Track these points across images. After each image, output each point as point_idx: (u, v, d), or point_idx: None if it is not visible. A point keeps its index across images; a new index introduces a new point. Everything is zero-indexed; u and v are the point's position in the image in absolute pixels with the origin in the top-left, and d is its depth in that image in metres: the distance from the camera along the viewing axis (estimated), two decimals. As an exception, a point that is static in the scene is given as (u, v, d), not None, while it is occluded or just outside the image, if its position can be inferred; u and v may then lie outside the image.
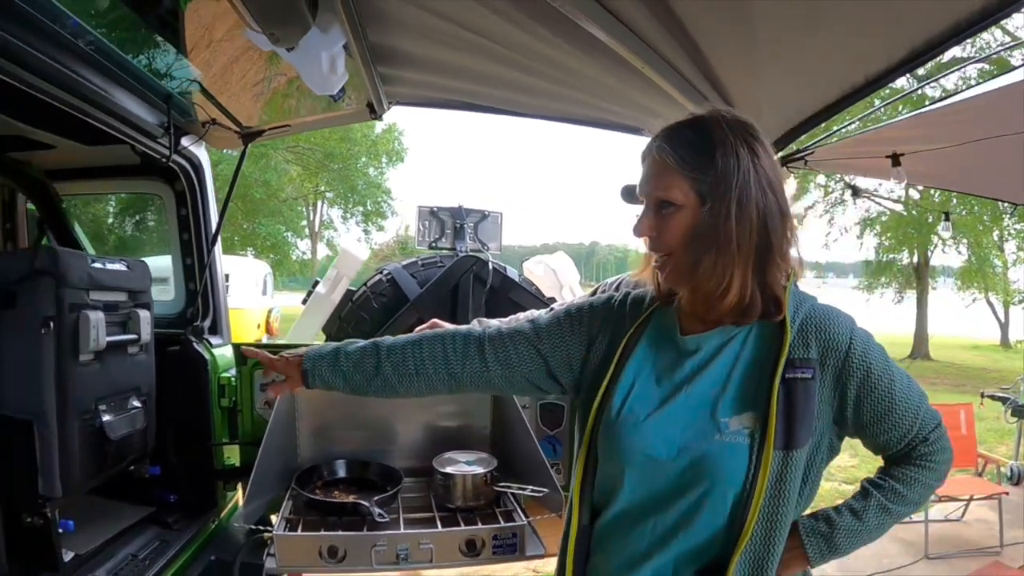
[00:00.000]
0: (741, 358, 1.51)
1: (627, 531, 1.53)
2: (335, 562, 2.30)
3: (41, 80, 2.20)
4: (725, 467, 1.43)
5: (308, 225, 34.59)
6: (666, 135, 1.53)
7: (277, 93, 3.09)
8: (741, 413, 1.46)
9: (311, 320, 6.01)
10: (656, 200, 1.51)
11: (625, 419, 1.54)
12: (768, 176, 1.48)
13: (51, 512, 2.40)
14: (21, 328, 2.38)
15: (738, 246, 1.44)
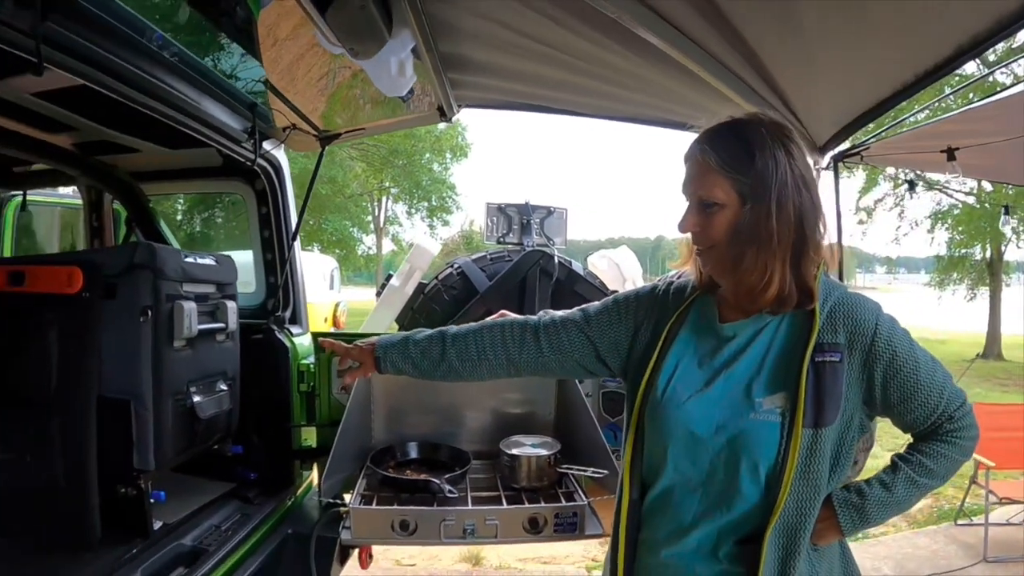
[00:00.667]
0: (774, 344, 1.61)
1: (673, 505, 1.64)
2: (406, 535, 2.46)
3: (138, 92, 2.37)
4: (759, 442, 1.54)
5: (373, 221, 34.68)
6: (708, 138, 1.63)
7: (350, 97, 3.25)
8: (774, 394, 1.56)
9: (385, 311, 6.17)
10: (699, 199, 1.61)
11: (669, 399, 1.65)
12: (803, 175, 1.58)
13: (144, 483, 2.60)
14: (121, 317, 2.57)
15: (778, 242, 1.54)
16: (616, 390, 3.20)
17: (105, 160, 3.70)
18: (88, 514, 2.46)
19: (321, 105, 3.27)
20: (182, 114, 2.66)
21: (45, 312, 2.53)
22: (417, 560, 5.30)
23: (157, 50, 2.35)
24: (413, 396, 3.17)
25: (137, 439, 2.56)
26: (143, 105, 2.43)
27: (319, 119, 3.33)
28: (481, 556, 5.32)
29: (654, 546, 1.68)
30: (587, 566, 5.20)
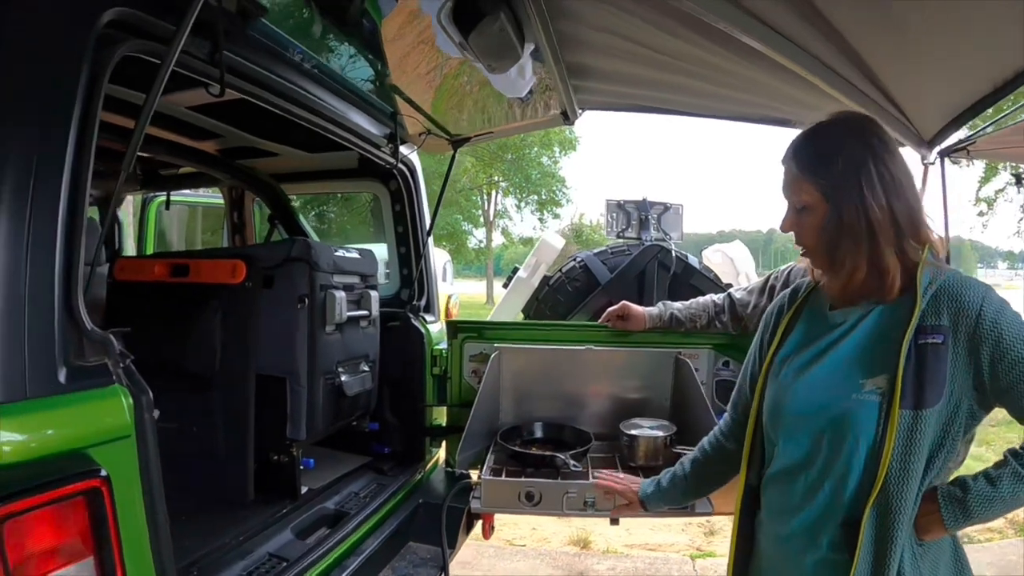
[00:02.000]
0: (879, 327, 1.65)
1: (781, 487, 1.74)
2: (531, 505, 2.66)
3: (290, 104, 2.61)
4: (858, 421, 1.58)
5: (483, 214, 34.94)
6: (793, 146, 1.74)
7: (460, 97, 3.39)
8: (876, 375, 1.59)
9: (513, 301, 6.36)
10: (792, 203, 1.73)
11: (779, 383, 1.77)
12: (891, 169, 1.63)
13: (296, 452, 2.91)
14: (278, 304, 2.88)
15: (869, 236, 1.61)
16: (729, 378, 3.29)
17: (246, 163, 4.05)
18: (245, 477, 2.77)
19: (451, 109, 3.46)
20: (330, 123, 2.91)
21: (211, 299, 2.82)
22: (528, 541, 5.48)
23: (310, 67, 2.60)
24: (539, 382, 3.34)
25: (291, 412, 2.88)
26: (297, 116, 2.68)
27: (450, 124, 3.53)
28: (589, 540, 5.44)
29: (767, 529, 1.81)
30: (691, 555, 5.25)
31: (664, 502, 2.30)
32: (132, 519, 1.58)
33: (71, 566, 1.44)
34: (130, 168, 1.71)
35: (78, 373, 1.53)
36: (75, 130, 1.54)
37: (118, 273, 3.09)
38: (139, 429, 1.62)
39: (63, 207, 1.50)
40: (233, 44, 2.13)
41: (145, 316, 2.92)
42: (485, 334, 3.42)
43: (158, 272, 2.98)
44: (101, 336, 1.59)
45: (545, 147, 32.24)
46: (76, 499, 1.44)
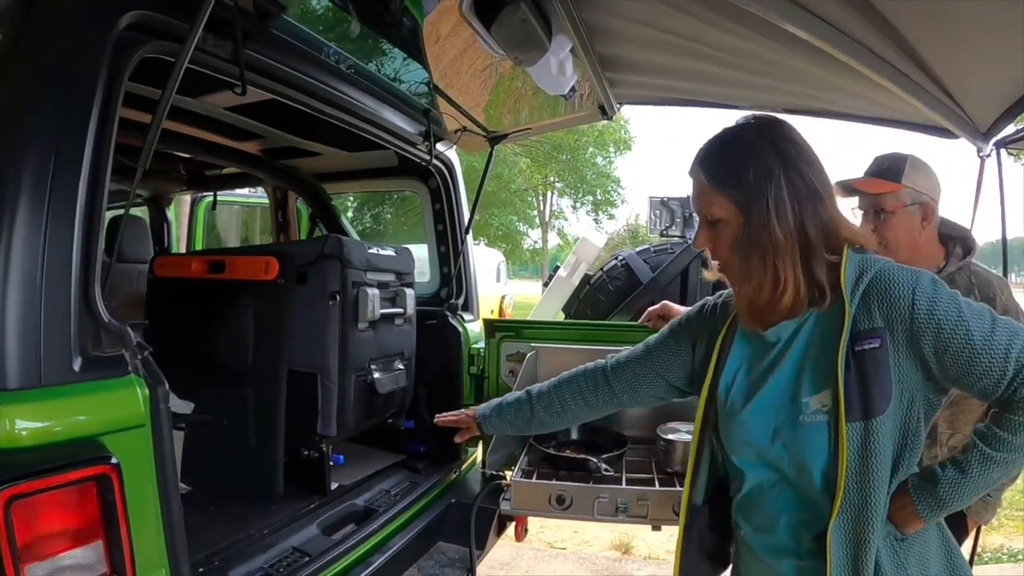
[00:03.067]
0: (813, 340, 1.59)
1: (759, 502, 1.68)
2: (561, 509, 2.61)
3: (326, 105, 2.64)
4: (809, 446, 1.53)
5: (539, 215, 35.03)
6: (700, 156, 1.65)
7: (516, 99, 3.40)
8: (820, 391, 1.53)
9: (553, 300, 6.32)
10: (704, 217, 1.64)
11: (729, 411, 1.69)
12: (804, 176, 1.55)
13: (325, 448, 2.92)
14: (311, 300, 2.89)
15: (781, 251, 1.53)
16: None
17: (289, 163, 4.09)
18: (274, 471, 2.79)
19: (476, 103, 3.43)
20: (363, 121, 2.92)
21: (245, 295, 2.86)
22: (568, 544, 5.41)
23: (338, 65, 2.60)
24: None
25: (322, 408, 2.89)
26: (327, 115, 2.70)
27: (489, 121, 3.51)
28: (631, 545, 5.36)
29: (751, 538, 1.74)
30: (734, 564, 5.13)
31: (505, 424, 2.29)
32: (143, 507, 1.62)
33: (79, 548, 1.49)
34: (146, 165, 1.75)
35: (94, 363, 1.58)
36: (94, 130, 1.60)
37: (158, 270, 3.17)
38: (154, 419, 1.65)
39: (81, 203, 1.56)
40: (257, 43, 2.16)
41: (183, 311, 3.02)
42: (523, 333, 3.38)
43: (195, 269, 3.04)
44: (118, 328, 1.64)
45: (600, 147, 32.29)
46: (87, 484, 1.49)
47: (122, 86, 1.66)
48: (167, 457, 1.67)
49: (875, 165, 2.57)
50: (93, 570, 1.51)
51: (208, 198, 5.62)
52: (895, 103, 2.63)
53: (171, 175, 4.64)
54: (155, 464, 1.64)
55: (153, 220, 5.48)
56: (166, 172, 4.55)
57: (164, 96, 1.73)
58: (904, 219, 2.49)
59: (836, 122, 3.23)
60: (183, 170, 4.53)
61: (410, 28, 2.85)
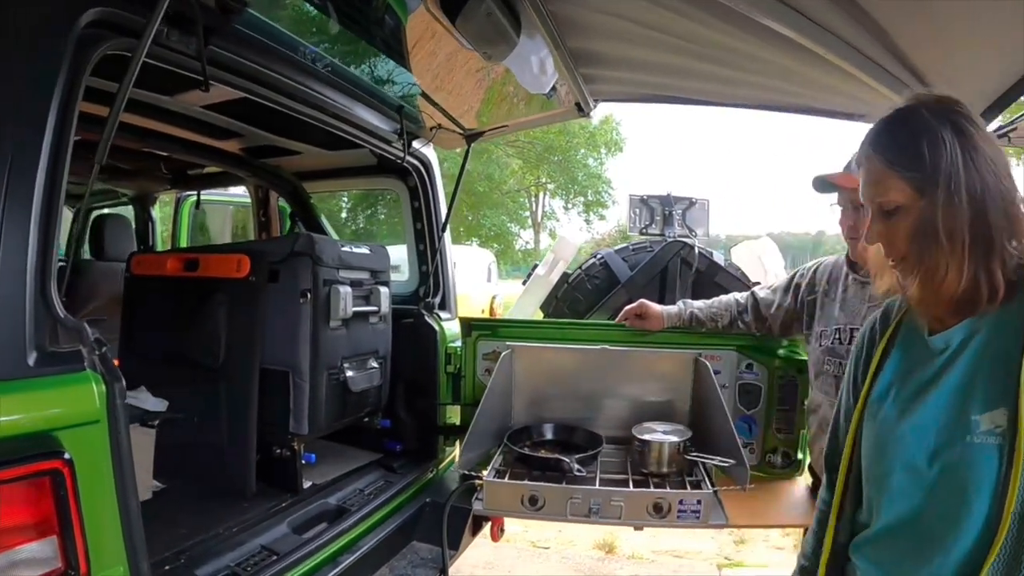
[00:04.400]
0: (989, 348, 1.37)
1: (891, 542, 1.46)
2: (534, 509, 2.59)
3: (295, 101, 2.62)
4: (978, 472, 1.30)
5: (531, 216, 35.14)
6: (872, 138, 1.46)
7: (494, 95, 3.38)
8: (993, 410, 1.31)
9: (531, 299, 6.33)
10: (878, 206, 1.43)
11: (882, 426, 1.49)
12: (983, 156, 1.36)
13: (297, 446, 2.90)
14: (283, 298, 2.87)
15: (963, 237, 1.33)
16: (753, 382, 3.20)
17: (270, 162, 4.08)
18: (246, 470, 2.78)
19: (469, 104, 3.42)
20: (336, 119, 2.90)
21: (217, 293, 2.85)
22: (552, 544, 5.39)
23: (309, 62, 2.57)
24: (554, 382, 3.28)
25: (294, 406, 2.87)
26: (298, 112, 2.68)
27: (464, 117, 3.49)
28: (615, 545, 5.34)
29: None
30: (719, 564, 5.11)
31: None
32: (99, 503, 1.60)
33: (34, 543, 1.49)
34: (103, 160, 1.71)
35: (50, 358, 1.57)
36: (53, 127, 1.58)
37: (135, 268, 3.17)
38: (111, 416, 1.63)
39: (38, 199, 1.55)
40: (222, 40, 2.12)
41: (158, 309, 3.02)
42: (499, 332, 3.37)
43: (170, 267, 3.03)
44: (75, 324, 1.62)
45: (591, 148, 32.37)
46: (40, 479, 1.48)
47: (82, 83, 1.64)
48: (124, 454, 1.65)
49: (853, 160, 2.56)
50: (48, 564, 1.50)
51: (192, 197, 5.60)
52: (877, 99, 2.60)
53: (154, 174, 4.62)
54: (112, 460, 1.62)
55: (137, 219, 5.47)
56: (149, 171, 4.53)
57: (120, 92, 1.70)
58: None
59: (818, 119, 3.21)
60: (165, 169, 4.51)
61: (391, 26, 2.83)
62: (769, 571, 5.02)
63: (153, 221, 5.56)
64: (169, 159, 4.19)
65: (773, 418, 3.20)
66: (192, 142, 3.61)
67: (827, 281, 2.76)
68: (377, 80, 3.01)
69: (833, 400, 2.58)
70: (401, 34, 2.86)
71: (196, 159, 3.96)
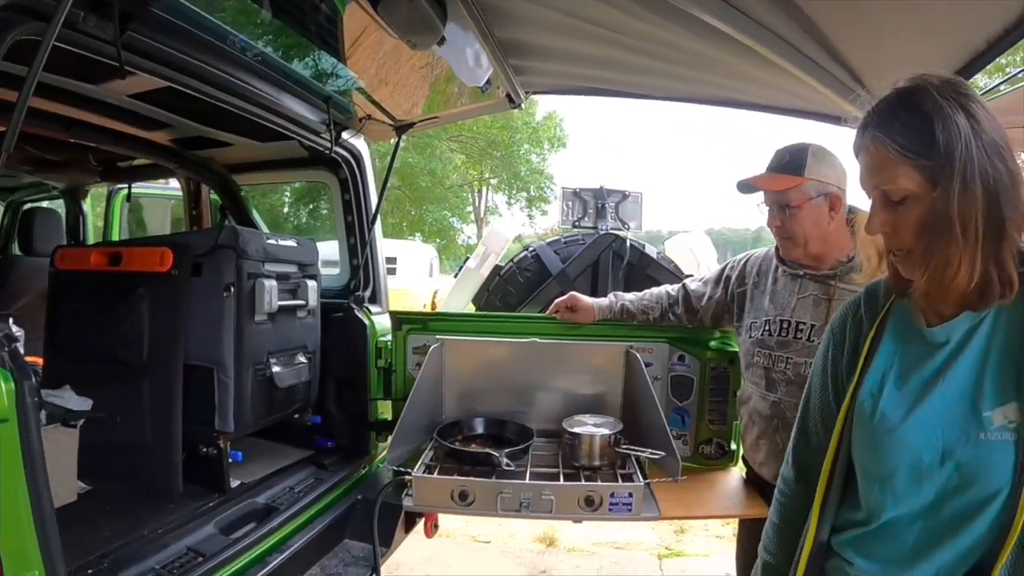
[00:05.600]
0: (995, 343, 1.33)
1: (891, 539, 1.41)
2: (464, 505, 2.57)
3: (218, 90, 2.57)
4: (994, 470, 1.27)
5: (473, 211, 35.17)
6: (878, 121, 1.37)
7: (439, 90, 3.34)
8: (1004, 405, 1.28)
9: (462, 293, 6.33)
10: (883, 193, 1.36)
11: (879, 425, 1.41)
12: (993, 139, 1.29)
13: (224, 445, 2.84)
14: (206, 292, 2.81)
15: (976, 226, 1.27)
16: (685, 373, 3.22)
17: (201, 154, 3.99)
18: (172, 469, 2.73)
19: (414, 98, 3.38)
20: (261, 109, 2.85)
21: (139, 287, 2.78)
22: (493, 538, 5.39)
23: (235, 51, 2.52)
24: (485, 375, 3.26)
25: (219, 403, 2.81)
26: (223, 101, 2.63)
27: (396, 109, 3.45)
28: (556, 538, 5.36)
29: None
30: (659, 554, 5.16)
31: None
32: (11, 505, 1.55)
33: None
34: (11, 149, 1.64)
35: None
36: None
37: (59, 262, 3.07)
38: (21, 415, 1.56)
39: None
40: (142, 26, 2.07)
41: (82, 305, 2.93)
42: (430, 326, 3.34)
43: (94, 261, 2.95)
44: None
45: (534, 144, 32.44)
46: None
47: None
48: (36, 453, 1.59)
49: (776, 160, 2.57)
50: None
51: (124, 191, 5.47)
52: (809, 93, 2.63)
53: (83, 166, 4.49)
54: (23, 460, 1.56)
55: (68, 213, 5.32)
56: (78, 162, 4.40)
57: (29, 77, 1.63)
58: (811, 212, 2.48)
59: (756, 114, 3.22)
60: (94, 160, 4.38)
61: (326, 15, 2.78)
62: (710, 560, 5.07)
63: (84, 215, 5.40)
64: (98, 150, 4.06)
65: (706, 409, 3.22)
66: (120, 132, 3.49)
67: (757, 273, 2.77)
68: (307, 70, 2.95)
69: (764, 392, 2.60)
70: (336, 23, 2.80)
71: (124, 150, 3.85)
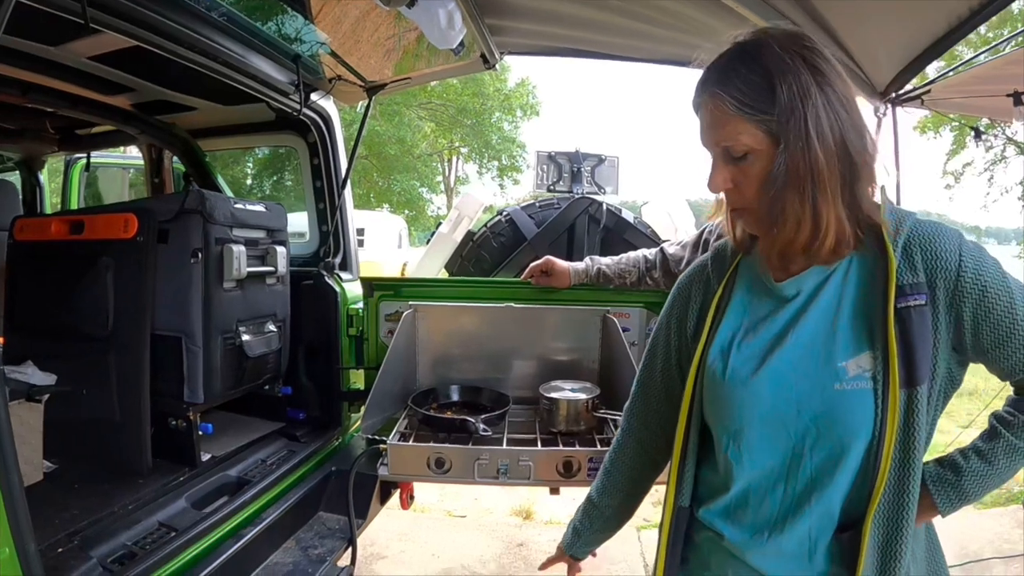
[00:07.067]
0: (846, 294, 1.36)
1: (755, 503, 1.41)
2: (441, 472, 2.54)
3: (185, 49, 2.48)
4: (852, 418, 1.29)
5: (443, 181, 34.99)
6: (716, 76, 1.34)
7: (400, 50, 3.24)
8: (858, 354, 1.31)
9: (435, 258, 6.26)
10: (723, 150, 1.35)
11: (731, 381, 1.41)
12: (837, 93, 1.30)
13: (193, 417, 2.77)
14: (173, 259, 2.72)
15: (825, 179, 1.29)
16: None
17: (164, 119, 3.88)
18: (141, 444, 2.64)
19: (385, 60, 3.30)
20: (230, 69, 2.77)
21: (104, 256, 2.68)
22: (469, 513, 5.39)
23: (202, 8, 2.45)
24: (459, 342, 3.23)
25: (187, 374, 2.73)
26: (190, 61, 2.55)
27: (366, 71, 3.37)
28: (532, 511, 5.36)
29: (743, 546, 1.44)
30: (638, 526, 5.14)
31: (596, 537, 1.87)
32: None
33: None
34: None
35: None
36: None
37: (18, 233, 2.96)
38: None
39: None
40: None
41: (43, 277, 2.84)
42: (402, 292, 3.28)
43: (55, 231, 2.84)
44: None
45: (506, 112, 32.24)
46: None
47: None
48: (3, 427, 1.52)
49: None
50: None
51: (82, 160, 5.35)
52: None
53: (40, 134, 4.35)
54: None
55: (24, 185, 5.17)
56: (34, 130, 4.27)
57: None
58: None
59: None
60: (51, 128, 4.24)
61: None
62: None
63: (41, 187, 5.26)
64: (56, 117, 3.96)
65: (683, 374, 3.18)
66: (80, 97, 3.37)
67: None
68: (274, 29, 2.88)
69: None
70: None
71: (84, 115, 3.73)
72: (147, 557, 2.10)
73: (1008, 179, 20.22)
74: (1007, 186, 19.98)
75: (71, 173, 5.51)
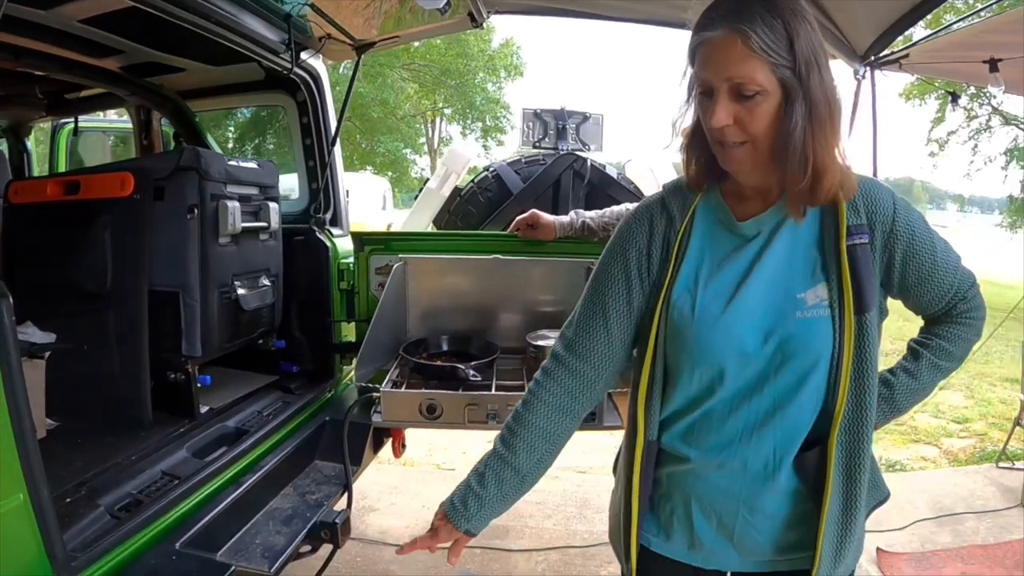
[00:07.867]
0: (800, 233, 1.46)
1: (718, 425, 1.48)
2: (432, 418, 2.64)
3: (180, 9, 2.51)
4: (813, 343, 1.41)
5: (427, 142, 34.75)
6: (738, 14, 1.33)
7: (388, 10, 3.28)
8: (814, 286, 1.43)
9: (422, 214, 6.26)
10: (734, 86, 1.35)
11: (701, 317, 1.46)
12: (825, 49, 1.39)
13: (192, 370, 2.85)
14: (169, 216, 2.77)
15: (834, 132, 1.39)
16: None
17: (153, 81, 3.90)
18: (141, 397, 2.71)
19: (360, 15, 3.32)
20: (223, 28, 2.80)
21: (102, 215, 2.73)
22: (457, 466, 5.46)
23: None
24: (448, 294, 3.31)
25: (185, 328, 2.80)
26: (183, 20, 2.57)
27: (355, 28, 3.40)
28: (519, 464, 5.41)
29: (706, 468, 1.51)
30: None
31: (490, 515, 1.66)
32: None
33: None
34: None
35: None
36: None
37: (13, 196, 2.98)
38: (1, 343, 1.54)
39: None
40: None
41: (41, 238, 2.87)
42: (392, 246, 3.35)
43: (51, 192, 2.87)
44: None
45: (490, 72, 31.97)
46: None
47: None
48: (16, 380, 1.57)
49: None
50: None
51: (69, 125, 5.34)
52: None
53: (28, 99, 4.36)
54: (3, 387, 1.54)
55: (11, 151, 5.16)
56: (22, 95, 4.27)
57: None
58: None
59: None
60: (40, 92, 4.25)
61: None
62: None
63: (28, 153, 5.24)
64: (44, 82, 3.96)
65: (665, 323, 3.26)
66: (70, 60, 3.38)
67: None
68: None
69: None
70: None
71: (73, 78, 3.74)
72: (152, 504, 2.17)
73: (992, 148, 20.41)
74: (991, 155, 20.11)
75: (58, 138, 5.51)
